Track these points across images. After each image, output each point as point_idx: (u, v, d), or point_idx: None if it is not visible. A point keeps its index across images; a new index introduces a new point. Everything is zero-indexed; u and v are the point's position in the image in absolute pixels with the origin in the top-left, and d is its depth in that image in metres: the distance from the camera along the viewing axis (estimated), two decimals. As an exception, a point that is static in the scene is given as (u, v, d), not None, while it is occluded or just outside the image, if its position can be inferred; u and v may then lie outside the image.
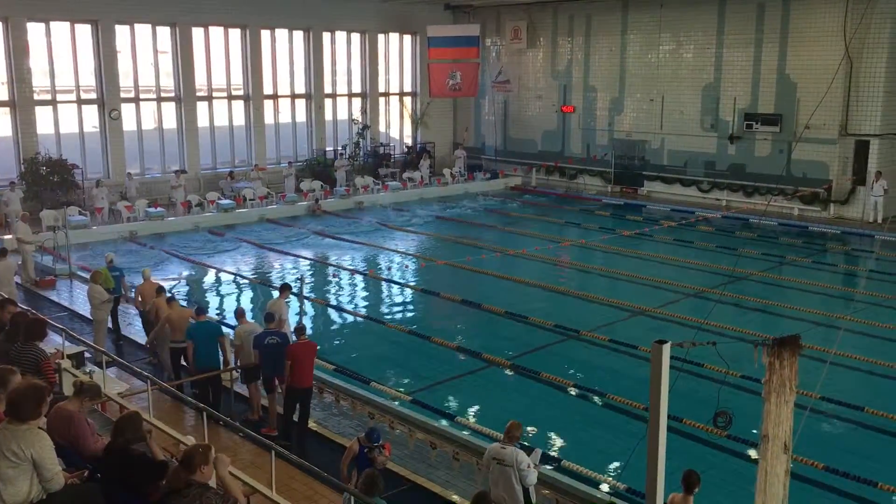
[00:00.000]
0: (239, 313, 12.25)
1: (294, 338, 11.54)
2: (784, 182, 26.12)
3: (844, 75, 24.35)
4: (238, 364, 11.75)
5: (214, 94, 29.60)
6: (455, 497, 9.30)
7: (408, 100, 35.62)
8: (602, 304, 17.23)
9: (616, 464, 10.17)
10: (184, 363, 12.12)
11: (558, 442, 11.03)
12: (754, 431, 8.12)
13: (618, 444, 10.67)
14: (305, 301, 15.17)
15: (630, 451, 5.61)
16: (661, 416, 4.14)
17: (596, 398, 12.53)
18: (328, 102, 32.55)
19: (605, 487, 9.47)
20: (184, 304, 14.18)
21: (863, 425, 11.47)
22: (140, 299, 14.00)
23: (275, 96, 31.25)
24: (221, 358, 11.65)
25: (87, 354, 12.06)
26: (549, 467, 9.79)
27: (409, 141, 35.70)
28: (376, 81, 33.78)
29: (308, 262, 21.19)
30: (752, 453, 10.01)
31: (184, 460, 5.42)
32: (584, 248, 22.02)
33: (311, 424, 11.21)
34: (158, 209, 25.12)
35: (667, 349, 4.08)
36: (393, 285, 19.14)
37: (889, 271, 19.52)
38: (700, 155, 28.47)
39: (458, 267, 20.08)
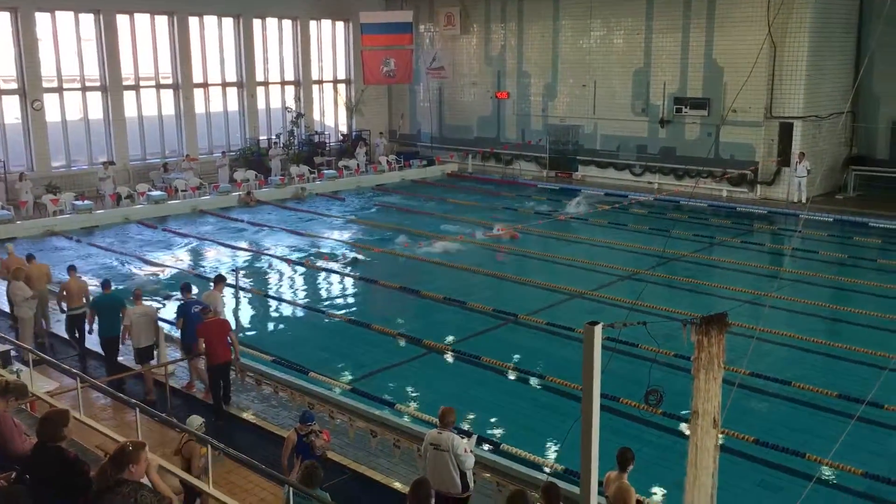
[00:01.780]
0: (136, 295, 12.59)
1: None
2: (713, 164, 26.77)
3: (768, 59, 25.02)
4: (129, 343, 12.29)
5: (142, 83, 28.86)
6: (397, 484, 9.33)
7: (342, 87, 35.33)
8: (539, 287, 17.40)
9: (555, 445, 10.33)
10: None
11: (499, 425, 11.14)
12: (686, 408, 8.37)
13: (556, 426, 10.83)
14: (241, 292, 14.96)
15: (566, 431, 5.69)
16: (594, 396, 4.22)
17: (535, 381, 12.69)
18: (260, 91, 32.07)
19: (544, 468, 9.60)
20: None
21: (790, 399, 11.86)
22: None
23: (205, 85, 30.62)
24: (122, 327, 12.24)
25: (13, 353, 11.69)
26: (486, 448, 9.89)
27: (344, 129, 35.44)
28: (309, 69, 33.40)
29: (244, 252, 20.89)
30: (685, 429, 10.27)
31: (113, 458, 5.28)
32: (520, 233, 22.16)
33: (250, 417, 11.13)
34: (86, 202, 24.44)
35: (598, 330, 4.15)
36: (331, 274, 18.99)
37: (812, 249, 20.22)
38: (632, 139, 28.95)
39: (396, 254, 20.07)
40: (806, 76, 24.92)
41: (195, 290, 13.26)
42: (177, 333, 12.75)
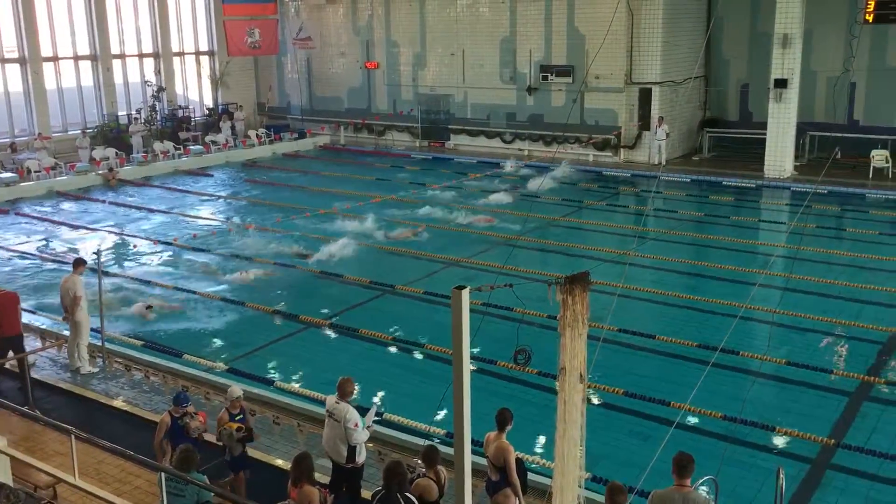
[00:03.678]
0: None
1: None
2: (578, 130, 27.58)
3: (626, 27, 25.89)
4: None
5: (-17, 58, 26.88)
6: (278, 461, 9.25)
7: (205, 59, 34.05)
8: (415, 257, 17.51)
9: (436, 410, 10.48)
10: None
11: (381, 396, 11.20)
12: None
13: (437, 392, 10.97)
14: (104, 276, 14.30)
15: (440, 396, 5.80)
16: (465, 359, 4.31)
17: (415, 349, 12.82)
18: (117, 64, 30.48)
19: (426, 435, 9.75)
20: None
21: (656, 351, 12.49)
22: None
23: (55, 58, 28.81)
24: None
25: None
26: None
27: (210, 102, 34.23)
28: (169, 40, 31.99)
29: (106, 234, 19.96)
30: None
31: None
32: (395, 203, 22.19)
33: (120, 404, 10.73)
34: (-74, 187, 22.68)
35: (465, 294, 4.23)
36: (201, 252, 18.41)
37: (672, 209, 21.24)
38: (501, 107, 29.39)
39: (269, 230, 19.70)
40: (662, 42, 25.95)
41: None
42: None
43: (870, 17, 22.90)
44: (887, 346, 12.42)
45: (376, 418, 8.97)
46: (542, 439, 9.68)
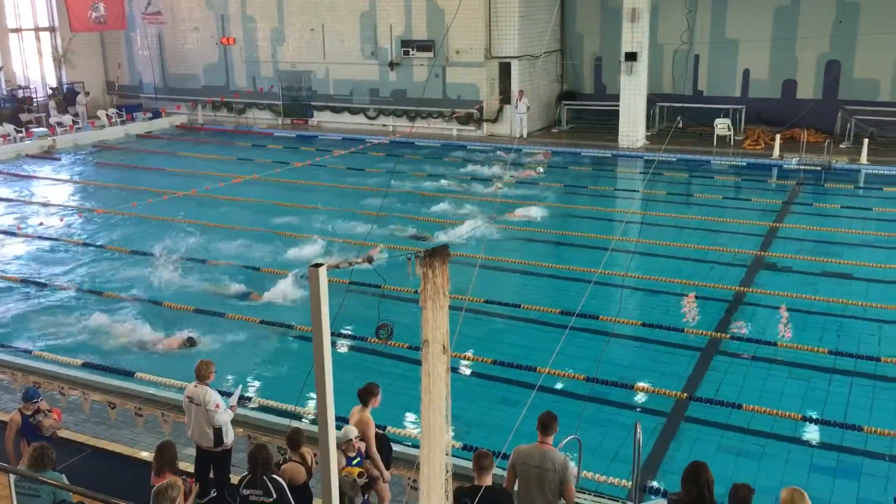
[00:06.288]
0: None
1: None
2: (442, 105, 27.76)
3: (484, 1, 26.17)
4: None
5: None
6: (144, 454, 8.96)
7: (45, 35, 31.91)
8: (281, 237, 17.17)
9: (308, 392, 10.39)
10: None
11: (254, 381, 11.01)
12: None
13: (305, 373, 10.87)
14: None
15: (305, 376, 5.76)
16: (325, 338, 4.29)
17: (289, 332, 12.63)
18: (-56, 41, 28.17)
19: (297, 416, 9.67)
20: None
21: (522, 319, 12.85)
22: None
23: None
24: None
25: None
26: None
27: (54, 81, 32.17)
28: (3, 15, 29.78)
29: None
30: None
31: None
32: (257, 183, 21.65)
33: (-35, 407, 10.05)
34: None
35: (323, 272, 4.20)
36: (50, 241, 17.37)
37: (532, 181, 21.78)
38: (364, 83, 29.14)
39: (124, 215, 18.84)
40: (519, 17, 26.40)
41: None
42: None
43: (709, -7, 24.18)
44: (733, 303, 13.29)
45: (242, 395, 8.82)
46: (409, 411, 9.80)
